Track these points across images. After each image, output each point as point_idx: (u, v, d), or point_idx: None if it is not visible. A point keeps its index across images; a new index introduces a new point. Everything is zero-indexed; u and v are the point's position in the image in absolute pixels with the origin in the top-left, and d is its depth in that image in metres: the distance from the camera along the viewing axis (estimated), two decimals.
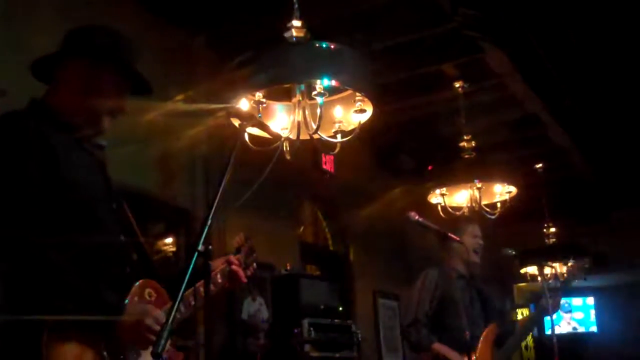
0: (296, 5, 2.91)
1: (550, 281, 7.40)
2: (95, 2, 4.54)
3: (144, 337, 1.95)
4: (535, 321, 4.67)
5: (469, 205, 5.17)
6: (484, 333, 4.14)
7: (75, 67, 2.16)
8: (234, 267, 2.43)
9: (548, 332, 10.54)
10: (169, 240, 5.27)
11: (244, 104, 2.83)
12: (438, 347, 4.07)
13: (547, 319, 4.67)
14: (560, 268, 7.59)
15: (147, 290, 2.11)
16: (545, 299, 4.22)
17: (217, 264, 2.40)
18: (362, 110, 2.83)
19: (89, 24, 2.26)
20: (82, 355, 1.87)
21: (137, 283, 2.09)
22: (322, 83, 2.68)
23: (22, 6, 4.02)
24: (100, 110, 2.15)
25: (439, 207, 5.23)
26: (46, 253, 1.88)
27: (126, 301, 2.01)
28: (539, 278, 6.62)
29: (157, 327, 1.93)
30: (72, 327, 1.86)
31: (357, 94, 2.81)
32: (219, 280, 2.38)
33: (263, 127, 2.52)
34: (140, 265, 2.20)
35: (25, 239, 1.86)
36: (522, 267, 7.59)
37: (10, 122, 2.04)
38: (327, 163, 6.61)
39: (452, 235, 3.45)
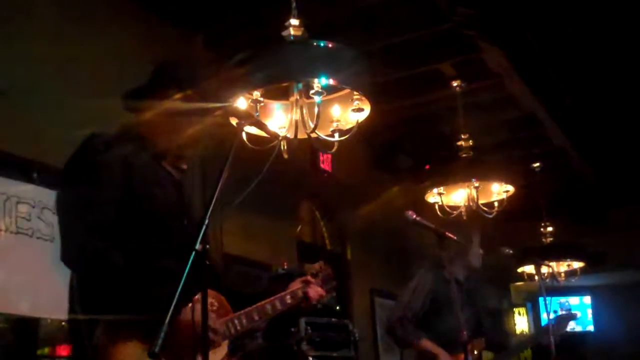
0: (294, 4, 2.90)
1: (547, 280, 7.42)
2: (94, 2, 4.53)
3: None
4: (531, 343, 4.66)
5: (466, 204, 5.17)
6: (469, 347, 4.01)
7: (164, 99, 2.28)
8: (310, 289, 2.51)
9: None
10: None
11: (241, 102, 2.83)
12: (425, 343, 4.08)
13: (544, 319, 4.68)
14: (557, 267, 7.60)
15: (210, 300, 2.13)
16: (548, 337, 4.23)
17: (294, 285, 2.49)
18: (360, 109, 2.83)
19: (171, 59, 2.42)
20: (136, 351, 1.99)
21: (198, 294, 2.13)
22: (320, 82, 2.67)
23: (22, 6, 4.01)
24: (187, 139, 2.31)
25: (437, 207, 5.23)
26: (121, 262, 2.03)
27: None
28: (536, 277, 6.62)
29: (214, 338, 2.11)
30: (135, 329, 1.99)
31: (355, 93, 2.81)
32: (288, 301, 2.42)
33: (261, 126, 2.51)
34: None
35: (105, 249, 2.02)
36: (519, 267, 7.60)
37: (99, 141, 2.18)
38: (325, 162, 6.61)
39: (450, 235, 3.44)
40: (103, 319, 1.98)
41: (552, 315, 4.43)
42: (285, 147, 2.94)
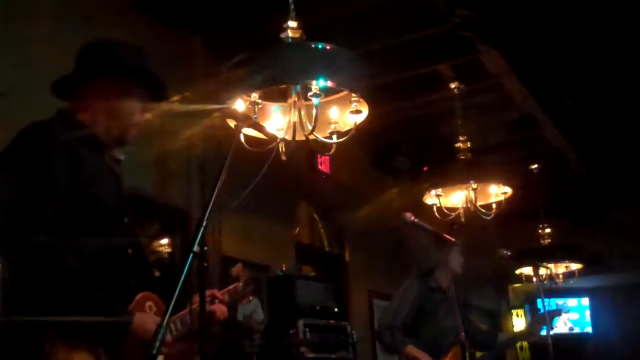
0: (292, 6, 2.90)
1: (545, 282, 7.43)
2: (93, 2, 4.53)
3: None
4: (519, 339, 4.70)
5: (464, 206, 5.17)
6: (453, 350, 4.26)
7: (102, 83, 2.20)
8: (215, 307, 2.28)
9: (543, 332, 10.58)
10: (165, 241, 5.27)
11: (239, 104, 2.83)
12: (411, 349, 4.23)
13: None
14: (555, 269, 7.61)
15: (148, 303, 2.13)
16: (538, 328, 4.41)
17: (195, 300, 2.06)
18: (358, 111, 2.83)
19: (101, 39, 2.31)
20: (84, 358, 1.91)
21: (138, 296, 2.11)
22: (318, 84, 2.67)
23: (22, 6, 4.01)
24: (129, 124, 2.22)
25: (435, 208, 5.24)
26: (62, 257, 1.93)
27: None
28: (534, 279, 6.63)
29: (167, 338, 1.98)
30: (76, 332, 1.90)
31: (353, 94, 2.81)
32: (172, 332, 2.12)
33: (259, 127, 2.51)
34: (142, 278, 2.22)
35: (42, 241, 1.90)
36: (517, 268, 7.60)
37: (39, 130, 2.09)
38: (323, 164, 6.62)
39: (448, 237, 3.45)
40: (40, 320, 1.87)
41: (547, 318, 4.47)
42: (284, 149, 2.94)
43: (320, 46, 2.75)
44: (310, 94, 2.69)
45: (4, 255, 1.94)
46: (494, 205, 5.21)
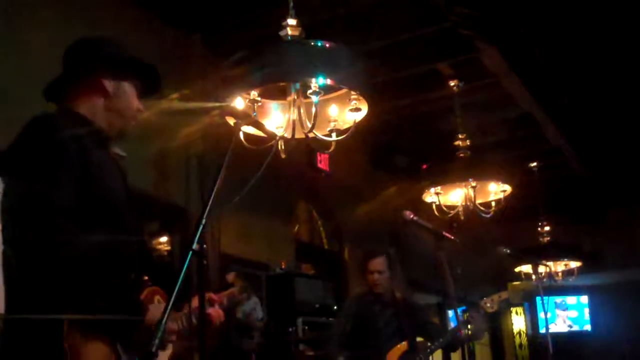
0: (291, 4, 2.90)
1: (544, 280, 7.43)
2: (94, 2, 4.53)
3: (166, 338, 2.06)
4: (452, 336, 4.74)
5: (463, 204, 5.18)
6: (391, 352, 4.49)
7: (94, 77, 2.19)
8: (210, 310, 2.29)
9: (542, 330, 10.58)
10: (164, 238, 5.27)
11: (239, 102, 2.83)
12: None
13: (541, 317, 4.73)
14: (554, 267, 7.62)
15: (157, 297, 2.13)
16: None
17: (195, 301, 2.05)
18: (357, 109, 2.83)
19: (84, 37, 2.29)
20: (101, 350, 1.91)
21: (146, 290, 2.12)
22: (317, 82, 2.67)
23: (22, 6, 4.00)
24: (127, 117, 2.23)
25: (434, 206, 5.24)
26: (78, 248, 1.91)
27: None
28: (533, 277, 6.64)
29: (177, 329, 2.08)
30: (94, 323, 1.89)
31: (352, 92, 2.81)
32: (179, 326, 2.13)
33: (258, 125, 2.51)
34: (148, 272, 2.24)
35: (57, 235, 1.87)
36: (516, 266, 7.61)
37: (48, 123, 2.05)
38: (322, 162, 6.61)
39: (448, 234, 3.44)
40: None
41: (549, 315, 4.47)
42: (283, 147, 2.95)
43: (319, 44, 2.75)
44: (309, 91, 2.70)
45: (21, 247, 1.89)
46: (493, 204, 5.22)
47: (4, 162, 2.01)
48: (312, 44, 2.78)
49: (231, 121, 2.49)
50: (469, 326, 4.44)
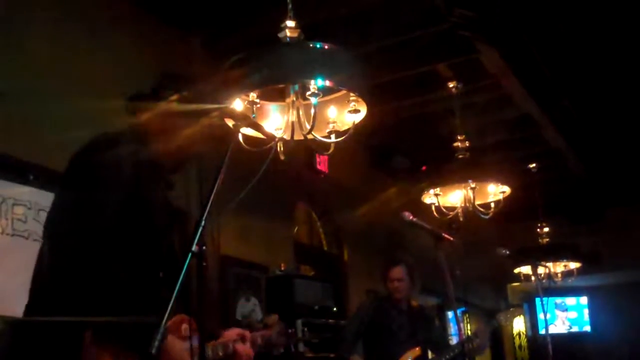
0: (290, 6, 2.90)
1: (543, 281, 7.43)
2: (93, 3, 4.53)
3: None
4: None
5: (462, 205, 5.18)
6: (403, 355, 4.63)
7: (177, 111, 2.30)
8: (240, 346, 2.33)
9: (542, 331, 10.58)
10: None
11: (238, 104, 2.83)
12: (354, 358, 4.69)
13: (541, 318, 4.77)
14: (554, 268, 7.61)
15: (184, 326, 2.13)
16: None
17: (229, 334, 2.30)
18: (356, 111, 2.83)
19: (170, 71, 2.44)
20: None
21: (175, 317, 2.10)
22: (316, 83, 2.67)
23: (22, 6, 4.00)
24: (188, 155, 2.37)
25: (433, 207, 5.24)
26: (112, 268, 1.99)
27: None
28: (533, 278, 6.63)
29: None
30: (114, 336, 1.95)
31: (351, 94, 2.81)
32: (220, 354, 2.21)
33: (257, 127, 2.51)
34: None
35: (99, 250, 1.97)
36: (515, 267, 7.60)
37: (107, 139, 2.17)
38: (322, 163, 6.61)
39: (447, 236, 3.44)
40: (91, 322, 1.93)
41: (548, 316, 4.49)
42: (282, 149, 2.95)
43: (318, 45, 2.75)
44: (308, 93, 2.70)
45: (61, 256, 1.99)
46: (492, 205, 5.22)
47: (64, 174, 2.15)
48: (311, 45, 2.79)
49: (230, 123, 2.48)
50: (474, 341, 4.51)
